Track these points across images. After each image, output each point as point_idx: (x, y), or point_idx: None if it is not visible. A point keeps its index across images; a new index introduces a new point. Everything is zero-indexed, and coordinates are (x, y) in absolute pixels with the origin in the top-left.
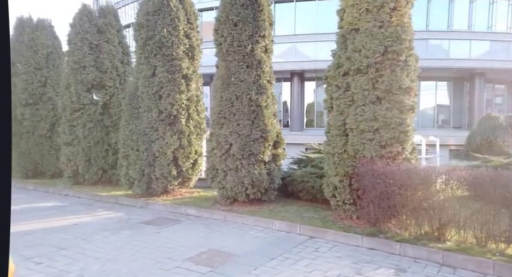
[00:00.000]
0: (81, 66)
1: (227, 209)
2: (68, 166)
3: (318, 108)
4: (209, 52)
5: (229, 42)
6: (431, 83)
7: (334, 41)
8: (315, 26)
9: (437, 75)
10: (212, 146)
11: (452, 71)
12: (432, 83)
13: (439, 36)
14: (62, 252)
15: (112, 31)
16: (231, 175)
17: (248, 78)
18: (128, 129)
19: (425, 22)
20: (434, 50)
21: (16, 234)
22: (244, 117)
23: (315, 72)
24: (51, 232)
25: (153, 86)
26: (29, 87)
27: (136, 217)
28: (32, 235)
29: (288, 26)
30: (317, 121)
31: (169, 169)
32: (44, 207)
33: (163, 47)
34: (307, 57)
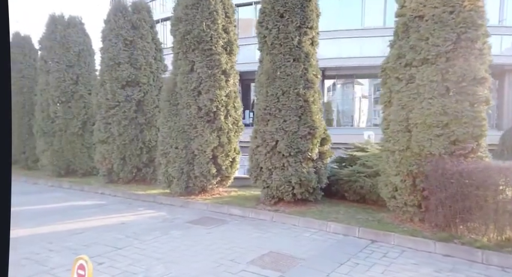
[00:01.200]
0: (116, 63)
1: (273, 209)
2: (103, 164)
3: (340, 107)
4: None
5: (275, 35)
6: None
7: (356, 38)
8: (336, 23)
9: None
10: (257, 143)
11: None
12: None
13: None
14: (120, 251)
15: (146, 27)
16: (276, 174)
17: (295, 71)
18: (166, 126)
19: None
20: None
21: (68, 233)
22: (291, 113)
23: (336, 70)
24: (101, 231)
25: (192, 81)
26: (61, 85)
27: (180, 217)
28: (84, 234)
29: None
30: (337, 119)
31: (209, 168)
32: (85, 205)
33: (202, 41)
34: (328, 55)
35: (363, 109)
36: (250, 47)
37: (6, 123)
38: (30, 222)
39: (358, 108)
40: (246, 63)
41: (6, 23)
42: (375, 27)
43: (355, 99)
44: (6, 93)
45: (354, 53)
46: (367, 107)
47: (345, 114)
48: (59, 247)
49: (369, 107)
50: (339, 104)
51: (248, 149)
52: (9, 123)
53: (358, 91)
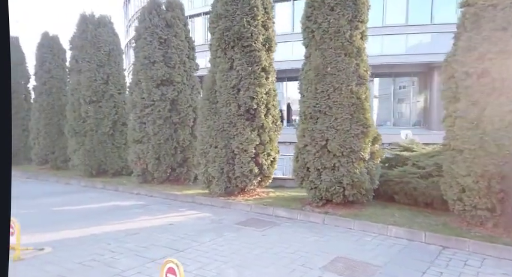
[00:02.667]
0: (151, 62)
1: (323, 211)
2: (137, 164)
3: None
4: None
5: (325, 29)
6: None
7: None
8: None
9: None
10: (304, 143)
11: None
12: None
13: None
14: (182, 254)
15: (179, 25)
16: (326, 175)
17: (347, 67)
18: (205, 125)
19: None
20: None
21: (122, 233)
22: (343, 111)
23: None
24: (154, 232)
25: (231, 79)
26: (93, 85)
27: (226, 218)
28: (138, 235)
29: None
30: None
31: (250, 167)
32: (126, 205)
33: (242, 38)
34: None
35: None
36: None
37: (6, 123)
38: (78, 222)
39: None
40: None
41: (6, 23)
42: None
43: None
44: (6, 93)
45: (375, 51)
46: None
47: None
48: (120, 248)
49: (384, 106)
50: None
51: (294, 148)
52: (9, 123)
53: (375, 90)
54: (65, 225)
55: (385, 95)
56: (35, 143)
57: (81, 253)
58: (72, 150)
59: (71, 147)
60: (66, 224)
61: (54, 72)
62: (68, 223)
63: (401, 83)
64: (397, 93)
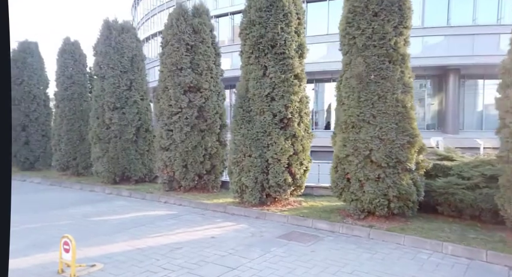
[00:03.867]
0: (178, 68)
1: (366, 225)
2: (164, 172)
3: None
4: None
5: (368, 35)
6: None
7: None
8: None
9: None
10: (346, 153)
11: None
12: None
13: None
14: (237, 272)
15: (206, 31)
16: (370, 186)
17: (392, 75)
18: (239, 133)
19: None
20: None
21: (166, 248)
22: (389, 120)
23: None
24: (198, 246)
25: (265, 87)
26: (116, 91)
27: (266, 231)
28: (183, 250)
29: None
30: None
31: (284, 177)
32: (158, 215)
33: (275, 45)
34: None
35: None
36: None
37: (6, 123)
38: (118, 235)
39: None
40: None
41: (6, 23)
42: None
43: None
44: (6, 93)
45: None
46: None
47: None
48: (170, 265)
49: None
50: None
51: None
52: (9, 123)
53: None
54: (106, 237)
55: None
56: (56, 149)
57: (133, 270)
58: (95, 156)
59: (95, 154)
60: (107, 237)
61: (76, 78)
62: (108, 236)
63: (415, 85)
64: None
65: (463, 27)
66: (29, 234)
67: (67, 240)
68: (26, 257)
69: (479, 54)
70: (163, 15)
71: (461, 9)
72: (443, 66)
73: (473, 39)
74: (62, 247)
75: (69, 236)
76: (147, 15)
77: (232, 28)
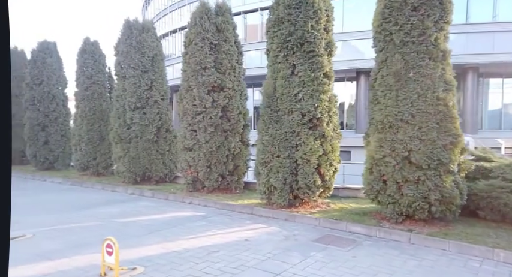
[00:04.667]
0: (202, 68)
1: (406, 229)
2: (188, 172)
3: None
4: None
5: (407, 31)
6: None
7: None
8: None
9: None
10: (383, 153)
11: None
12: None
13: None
14: None
15: (229, 29)
16: (409, 189)
17: (433, 72)
18: (267, 133)
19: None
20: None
21: (202, 251)
22: (429, 119)
23: None
24: (233, 249)
25: (293, 86)
26: (137, 91)
27: (299, 234)
28: (220, 253)
29: (351, 20)
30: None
31: (314, 179)
32: (186, 217)
33: (305, 42)
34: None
35: None
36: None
37: (6, 123)
38: (151, 236)
39: None
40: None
41: (6, 23)
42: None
43: None
44: (6, 93)
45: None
46: None
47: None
48: (211, 269)
49: None
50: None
51: (366, 159)
52: (9, 123)
53: None
54: (138, 239)
55: None
56: (77, 149)
57: (175, 274)
58: (117, 156)
59: (116, 154)
60: (139, 239)
61: (96, 78)
62: (140, 238)
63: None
64: None
65: (482, 25)
66: (62, 235)
67: (110, 242)
68: (65, 259)
69: (499, 52)
70: (175, 15)
71: (480, 6)
72: (462, 64)
73: (493, 37)
74: (104, 250)
75: (112, 239)
76: (158, 15)
77: (244, 27)
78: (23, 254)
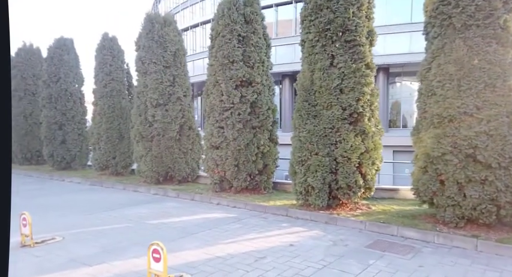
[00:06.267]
0: (230, 61)
1: (469, 234)
2: (215, 171)
3: (403, 106)
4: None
5: (470, 14)
6: None
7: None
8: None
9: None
10: (442, 151)
11: None
12: None
13: None
14: None
15: (258, 20)
16: (474, 190)
17: (502, 59)
18: (305, 130)
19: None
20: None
21: (247, 257)
22: (499, 112)
23: (401, 67)
24: (280, 255)
25: (333, 78)
26: (159, 87)
27: (346, 238)
28: (267, 259)
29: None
30: (403, 121)
31: (355, 178)
32: (219, 219)
33: (346, 31)
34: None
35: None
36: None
37: (6, 123)
38: (188, 240)
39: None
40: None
41: (6, 23)
42: None
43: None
44: (6, 93)
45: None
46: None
47: (408, 114)
48: None
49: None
50: (402, 102)
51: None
52: (9, 123)
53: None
54: (175, 243)
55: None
56: (95, 148)
57: None
58: (138, 155)
59: (137, 153)
60: (176, 242)
61: (115, 75)
62: (177, 242)
63: None
64: None
65: None
66: (93, 238)
67: (157, 247)
68: (104, 264)
69: None
70: (196, 8)
71: None
72: None
73: None
74: (151, 256)
75: (160, 243)
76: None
77: (276, 21)
78: (57, 259)
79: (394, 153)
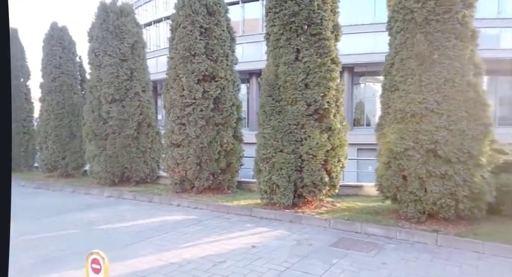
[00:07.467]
0: (192, 54)
1: (429, 229)
2: (175, 171)
3: (367, 105)
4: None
5: (430, 9)
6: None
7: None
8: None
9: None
10: (405, 146)
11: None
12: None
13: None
14: None
15: (222, 12)
16: (434, 184)
17: (461, 54)
18: (269, 126)
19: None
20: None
21: (205, 261)
22: (458, 107)
23: (365, 66)
24: (241, 258)
25: (298, 72)
26: (115, 81)
27: (311, 237)
28: (227, 264)
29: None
30: (366, 120)
31: (321, 175)
32: (177, 221)
33: (311, 24)
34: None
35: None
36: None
37: (6, 123)
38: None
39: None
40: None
41: (6, 23)
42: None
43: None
44: (6, 93)
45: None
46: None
47: (371, 114)
48: None
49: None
50: (366, 102)
51: (380, 153)
52: (9, 123)
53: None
54: (126, 250)
55: None
56: (42, 148)
57: None
58: (91, 155)
59: (90, 152)
60: (129, 249)
61: (65, 67)
62: (130, 248)
63: None
64: None
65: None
66: (34, 247)
67: (97, 257)
68: None
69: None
70: (149, 6)
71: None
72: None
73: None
74: (89, 267)
75: (100, 252)
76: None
77: (243, 19)
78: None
79: (358, 151)
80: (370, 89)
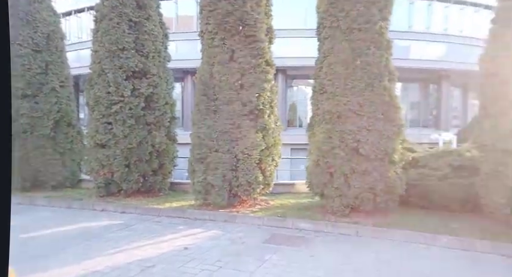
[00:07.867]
0: (119, 48)
1: (352, 221)
2: (100, 173)
3: (299, 107)
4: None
5: (353, 18)
6: None
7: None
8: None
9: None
10: (332, 145)
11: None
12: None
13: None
14: None
15: (153, 6)
16: (356, 180)
17: (378, 61)
18: (204, 125)
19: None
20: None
21: (134, 266)
22: (376, 109)
23: (296, 70)
24: (172, 261)
25: (233, 73)
26: (27, 74)
27: (244, 236)
28: (157, 268)
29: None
30: (299, 121)
31: (255, 174)
32: (101, 227)
33: (245, 25)
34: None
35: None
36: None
37: (6, 123)
38: (63, 256)
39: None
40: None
41: (6, 23)
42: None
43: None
44: (6, 93)
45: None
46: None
47: (303, 116)
48: None
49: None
50: (299, 104)
51: (310, 151)
52: (9, 123)
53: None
54: (45, 261)
55: None
56: None
57: None
58: None
59: None
60: (46, 260)
61: None
62: (50, 259)
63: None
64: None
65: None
66: None
67: None
68: None
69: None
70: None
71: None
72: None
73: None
74: None
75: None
76: None
77: (176, 16)
78: None
79: (291, 151)
80: (302, 91)
